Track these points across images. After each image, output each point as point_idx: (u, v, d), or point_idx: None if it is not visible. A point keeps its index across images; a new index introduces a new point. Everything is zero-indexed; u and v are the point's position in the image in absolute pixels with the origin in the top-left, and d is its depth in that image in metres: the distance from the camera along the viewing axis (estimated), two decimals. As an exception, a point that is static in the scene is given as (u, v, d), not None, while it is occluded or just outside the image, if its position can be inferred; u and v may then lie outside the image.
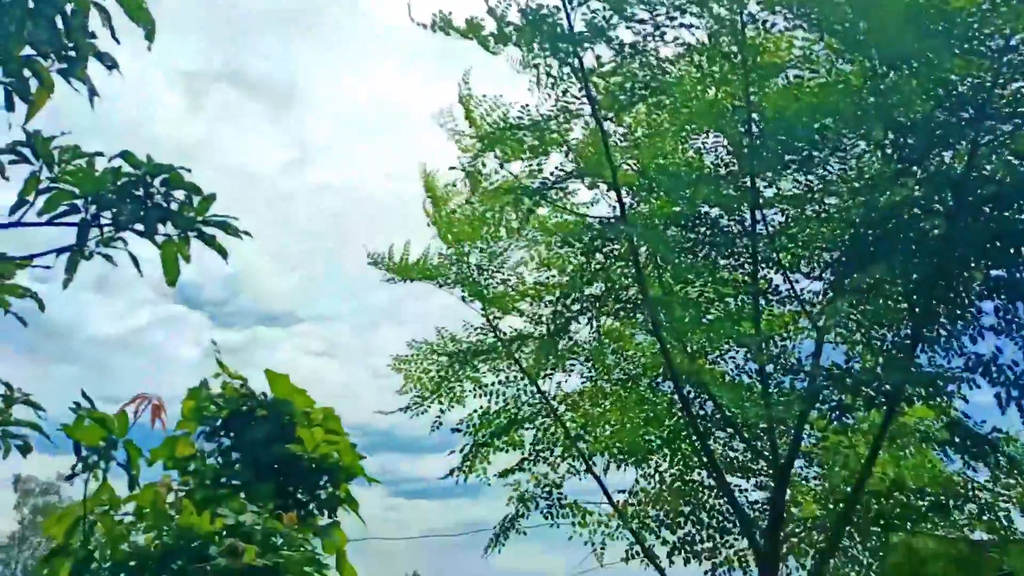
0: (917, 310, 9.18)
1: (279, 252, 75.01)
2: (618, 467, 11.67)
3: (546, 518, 11.26)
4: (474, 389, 11.72)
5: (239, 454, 11.98)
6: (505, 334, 11.64)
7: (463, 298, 11.67)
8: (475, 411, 11.71)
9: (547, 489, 11.38)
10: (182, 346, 67.68)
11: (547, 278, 11.59)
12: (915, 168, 9.11)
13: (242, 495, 10.27)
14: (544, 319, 11.42)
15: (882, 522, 9.89)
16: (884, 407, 8.89)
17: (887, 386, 8.34)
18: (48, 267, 5.27)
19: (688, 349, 10.65)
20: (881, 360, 9.42)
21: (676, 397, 11.04)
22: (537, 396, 11.68)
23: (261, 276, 72.52)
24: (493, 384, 11.73)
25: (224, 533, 9.10)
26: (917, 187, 9.09)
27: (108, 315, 65.37)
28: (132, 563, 9.36)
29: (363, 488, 12.86)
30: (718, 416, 10.51)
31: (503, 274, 11.68)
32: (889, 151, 9.38)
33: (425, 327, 11.81)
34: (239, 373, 13.25)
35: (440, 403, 11.60)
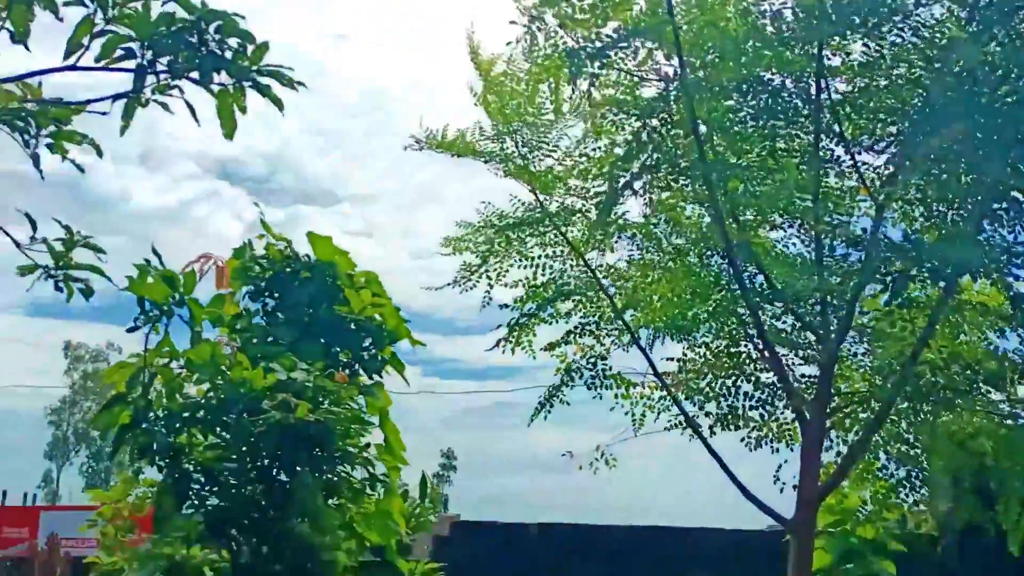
0: (986, 182, 9.05)
1: (320, 130, 74.99)
2: (663, 340, 11.84)
3: (589, 389, 11.54)
4: (520, 261, 11.84)
5: (284, 314, 12.39)
6: (552, 209, 11.67)
7: (508, 174, 11.68)
8: (521, 281, 11.86)
9: (592, 361, 11.62)
10: (224, 221, 68.86)
11: (594, 150, 11.52)
12: (995, 29, 8.82)
13: (289, 354, 10.70)
14: (593, 192, 11.42)
15: (932, 397, 10.03)
16: (944, 282, 8.90)
17: (950, 260, 8.32)
18: (105, 113, 5.36)
19: (741, 220, 10.64)
20: (944, 234, 9.37)
21: (726, 270, 11.09)
22: (584, 270, 11.78)
23: (302, 154, 72.75)
24: (540, 257, 11.84)
25: (275, 389, 9.55)
26: (996, 49, 8.82)
27: (152, 189, 66.40)
28: (187, 414, 9.89)
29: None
30: (768, 290, 10.58)
31: (548, 146, 11.64)
32: (969, 9, 9.07)
33: (466, 210, 11.89)
34: (283, 235, 13.53)
35: (488, 277, 11.75)
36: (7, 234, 5.28)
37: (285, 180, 73.26)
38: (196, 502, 9.41)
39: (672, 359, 11.64)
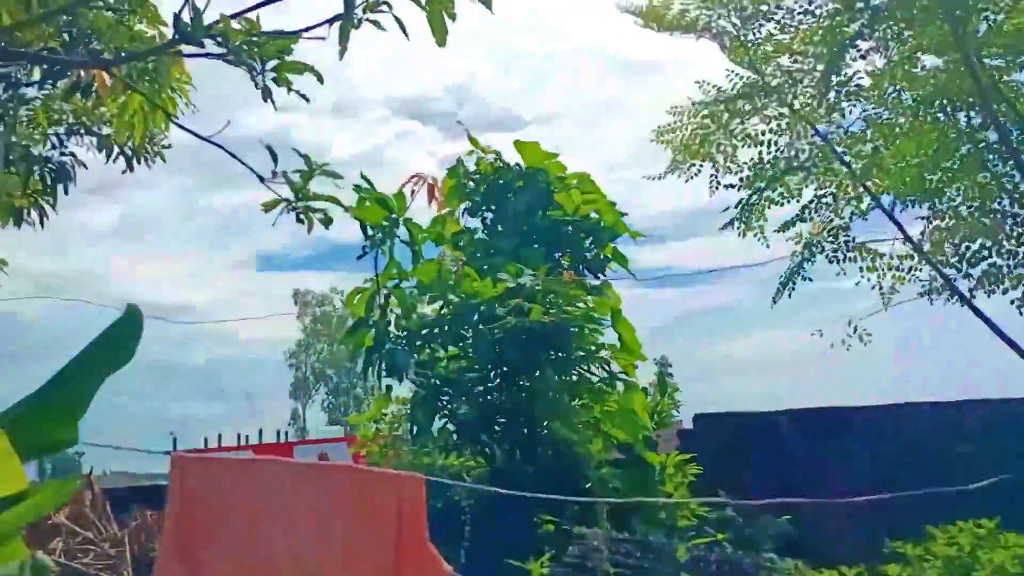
0: None
1: (500, 56, 75.34)
2: (905, 206, 11.19)
3: (832, 263, 11.08)
4: (743, 141, 11.41)
5: (502, 225, 12.68)
6: (773, 81, 11.09)
7: (723, 48, 11.16)
8: (746, 163, 11.46)
9: (832, 233, 11.11)
10: (421, 159, 71.11)
11: (816, 8, 10.79)
12: None
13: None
14: (817, 52, 10.74)
15: None
16: None
17: None
18: (323, 38, 5.52)
19: (987, 64, 9.78)
20: None
21: (972, 121, 10.29)
22: (814, 139, 11.21)
23: (485, 83, 73.50)
24: (764, 134, 11.35)
25: (506, 296, 9.86)
26: None
27: (348, 137, 69.42)
28: (424, 331, 10.40)
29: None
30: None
31: (768, 9, 10.97)
32: None
33: (652, 116, 11.49)
34: (491, 147, 13.76)
35: (712, 159, 11.40)
36: (251, 169, 5.61)
37: (472, 111, 74.55)
38: (447, 413, 9.96)
39: (923, 218, 11.00)
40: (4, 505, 1.99)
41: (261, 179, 5.70)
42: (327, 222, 6.04)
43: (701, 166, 11.39)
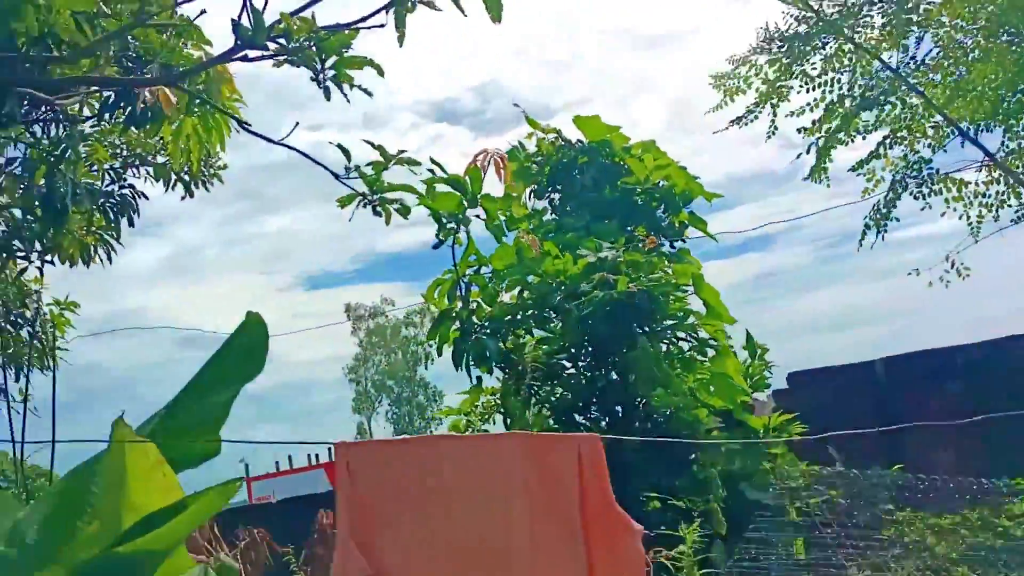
0: None
1: (520, 48, 75.28)
2: (979, 131, 10.84)
3: (916, 199, 10.73)
4: (805, 83, 11.09)
5: (572, 203, 12.50)
6: (833, 14, 10.76)
7: None
8: (808, 104, 11.16)
9: (915, 167, 10.75)
10: (456, 159, 71.48)
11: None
12: None
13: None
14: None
15: None
16: None
17: None
18: (382, 25, 5.42)
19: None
20: None
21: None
22: (882, 73, 10.85)
23: (510, 77, 73.62)
24: (826, 74, 11.03)
25: (588, 271, 9.70)
26: None
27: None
28: (508, 317, 10.28)
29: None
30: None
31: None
32: None
33: (682, 92, 11.23)
34: (550, 127, 13.56)
35: (772, 105, 11.10)
36: (326, 168, 5.55)
37: (500, 107, 74.22)
38: (540, 397, 9.84)
39: (1007, 140, 10.62)
40: (163, 517, 1.92)
41: (336, 176, 5.64)
42: (405, 211, 5.94)
43: (759, 113, 11.13)
